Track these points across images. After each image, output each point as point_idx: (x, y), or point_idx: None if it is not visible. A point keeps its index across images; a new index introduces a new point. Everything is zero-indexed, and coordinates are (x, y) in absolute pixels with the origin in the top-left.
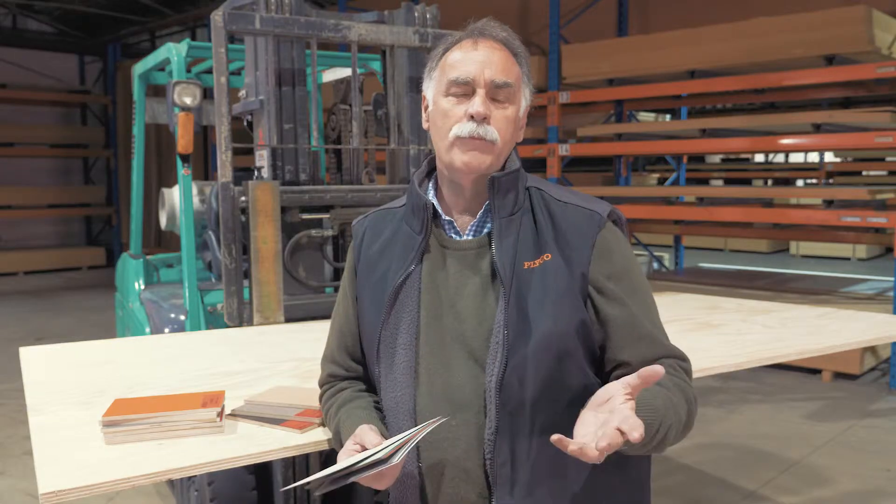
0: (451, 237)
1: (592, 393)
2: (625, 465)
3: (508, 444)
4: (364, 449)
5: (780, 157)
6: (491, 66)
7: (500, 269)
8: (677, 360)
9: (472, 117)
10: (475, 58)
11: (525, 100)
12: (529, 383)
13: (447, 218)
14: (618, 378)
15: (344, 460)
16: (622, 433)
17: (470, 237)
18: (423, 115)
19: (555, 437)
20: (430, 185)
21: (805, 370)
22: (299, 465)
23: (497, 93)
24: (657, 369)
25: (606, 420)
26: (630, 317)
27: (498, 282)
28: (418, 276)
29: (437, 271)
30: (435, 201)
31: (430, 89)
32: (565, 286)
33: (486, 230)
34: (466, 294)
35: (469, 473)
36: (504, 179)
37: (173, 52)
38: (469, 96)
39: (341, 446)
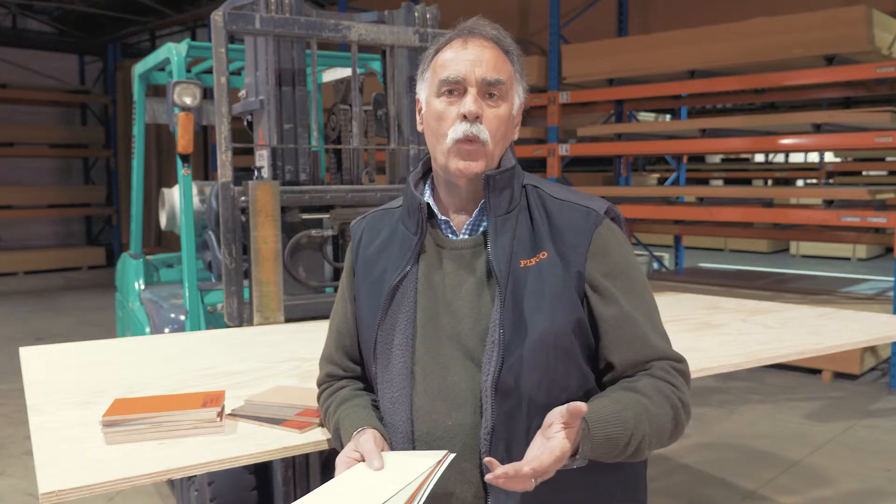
0: (447, 237)
1: (591, 392)
2: (621, 465)
3: (505, 444)
4: (362, 459)
5: (780, 157)
6: (481, 65)
7: (495, 268)
8: (670, 363)
9: (464, 117)
10: (465, 57)
11: (518, 97)
12: (525, 382)
13: (443, 218)
14: (609, 381)
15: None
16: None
17: (466, 236)
18: (418, 117)
19: (486, 458)
20: (427, 185)
21: (805, 370)
22: (299, 465)
23: (489, 91)
24: (580, 410)
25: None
26: (623, 317)
27: (494, 281)
28: (415, 276)
29: (434, 271)
30: (431, 201)
31: (422, 91)
32: (562, 284)
33: (481, 229)
34: (463, 294)
35: (465, 473)
36: (499, 177)
37: (173, 52)
38: (461, 96)
39: (340, 444)
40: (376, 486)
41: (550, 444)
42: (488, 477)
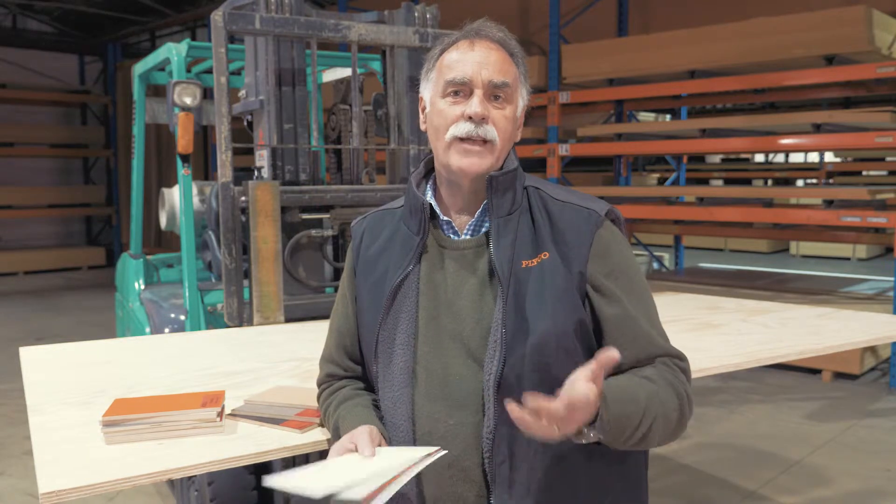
0: (449, 237)
1: None
2: (622, 462)
3: (507, 443)
4: (356, 450)
5: (780, 157)
6: (488, 67)
7: (497, 269)
8: (673, 359)
9: (470, 118)
10: (472, 58)
11: (522, 99)
12: (527, 381)
13: (445, 218)
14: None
15: (322, 478)
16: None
17: (468, 237)
18: (421, 116)
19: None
20: (429, 185)
21: (805, 370)
22: (299, 465)
23: (495, 93)
24: (613, 354)
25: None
26: (626, 316)
27: (496, 281)
28: (416, 276)
29: (435, 271)
30: (433, 201)
31: (427, 91)
32: (563, 285)
33: (483, 230)
34: (464, 294)
35: (468, 473)
36: (502, 178)
37: (173, 52)
38: (466, 97)
39: None
40: (358, 470)
41: (576, 386)
42: (514, 413)
